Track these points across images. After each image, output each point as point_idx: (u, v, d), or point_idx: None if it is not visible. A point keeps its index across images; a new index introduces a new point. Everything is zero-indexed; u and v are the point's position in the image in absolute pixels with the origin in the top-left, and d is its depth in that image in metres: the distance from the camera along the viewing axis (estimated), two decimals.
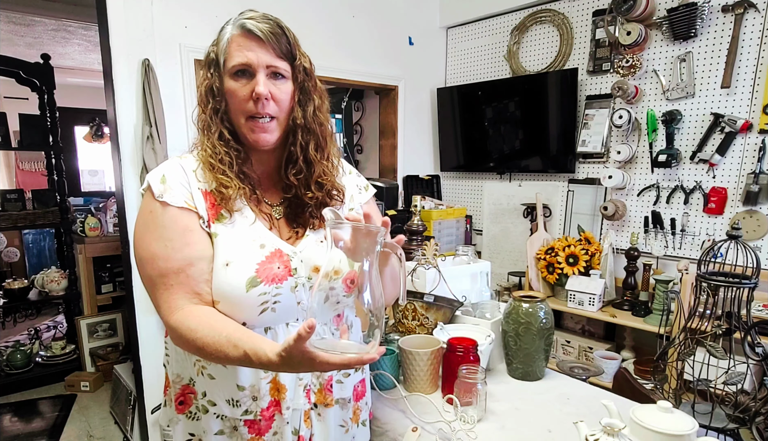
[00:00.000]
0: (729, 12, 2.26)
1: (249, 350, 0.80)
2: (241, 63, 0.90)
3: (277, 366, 0.78)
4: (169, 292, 0.89)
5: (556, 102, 2.88)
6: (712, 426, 1.14)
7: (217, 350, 0.83)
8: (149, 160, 2.18)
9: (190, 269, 0.90)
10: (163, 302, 0.90)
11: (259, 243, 0.94)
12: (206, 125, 0.95)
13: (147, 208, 0.92)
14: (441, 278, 1.53)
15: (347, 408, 1.09)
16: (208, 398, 0.97)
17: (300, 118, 0.95)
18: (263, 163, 1.01)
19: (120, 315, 3.60)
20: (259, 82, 0.89)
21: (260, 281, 0.90)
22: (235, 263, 0.91)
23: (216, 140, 0.94)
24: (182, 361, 1.00)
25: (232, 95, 0.92)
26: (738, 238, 1.17)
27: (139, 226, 0.93)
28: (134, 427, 2.60)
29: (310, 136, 0.98)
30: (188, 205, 0.92)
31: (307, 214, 1.01)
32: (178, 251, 0.89)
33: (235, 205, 0.94)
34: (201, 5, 2.39)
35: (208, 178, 0.94)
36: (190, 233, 0.91)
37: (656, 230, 2.57)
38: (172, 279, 0.89)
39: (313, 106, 0.97)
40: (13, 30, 4.22)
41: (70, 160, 5.99)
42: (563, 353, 2.75)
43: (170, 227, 0.90)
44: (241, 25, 0.91)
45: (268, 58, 0.90)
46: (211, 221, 0.93)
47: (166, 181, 0.92)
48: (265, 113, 0.91)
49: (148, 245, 0.91)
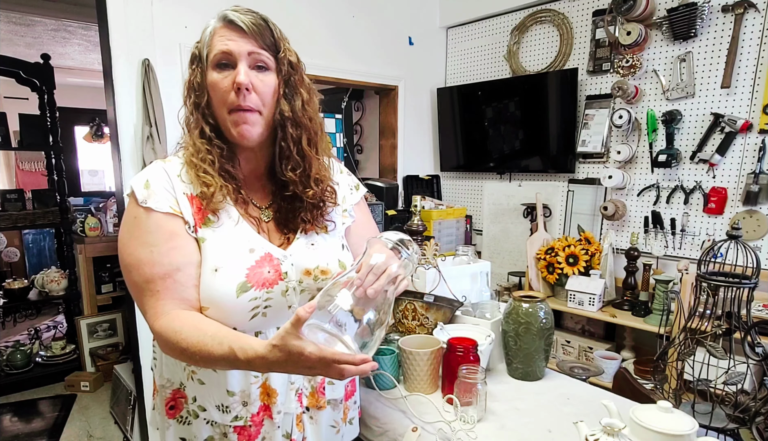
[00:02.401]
0: (729, 12, 2.26)
1: (235, 346, 0.78)
2: (221, 51, 0.87)
3: (264, 361, 0.75)
4: (155, 298, 0.86)
5: (556, 102, 2.88)
6: (712, 426, 1.14)
7: (201, 350, 0.80)
8: (149, 160, 2.18)
9: (177, 274, 0.87)
10: (149, 308, 0.87)
11: (248, 247, 0.92)
12: (188, 122, 0.94)
13: (131, 214, 0.90)
14: (441, 278, 1.53)
15: (338, 409, 1.08)
16: (198, 404, 0.95)
17: (288, 112, 0.92)
18: (250, 162, 0.98)
19: (120, 315, 3.60)
20: (240, 72, 0.86)
21: (251, 286, 0.89)
22: (225, 268, 0.88)
23: (197, 137, 0.91)
24: (172, 366, 0.99)
25: (214, 87, 0.89)
26: (738, 238, 1.17)
27: (124, 233, 0.90)
28: (134, 427, 2.60)
29: (301, 130, 0.95)
30: (173, 210, 0.89)
31: (299, 218, 0.98)
32: (164, 256, 0.87)
33: (219, 205, 0.91)
34: (201, 5, 2.39)
35: (192, 180, 0.92)
36: (176, 238, 0.88)
37: (656, 230, 2.57)
38: (159, 284, 0.86)
39: (301, 100, 0.94)
40: (13, 30, 4.22)
41: (70, 160, 5.99)
42: (563, 353, 2.75)
43: (155, 232, 0.87)
44: (223, 16, 0.89)
45: (248, 46, 0.88)
46: (198, 226, 0.91)
47: (150, 187, 0.89)
48: (246, 106, 0.88)
49: (133, 251, 0.88)
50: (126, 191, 0.92)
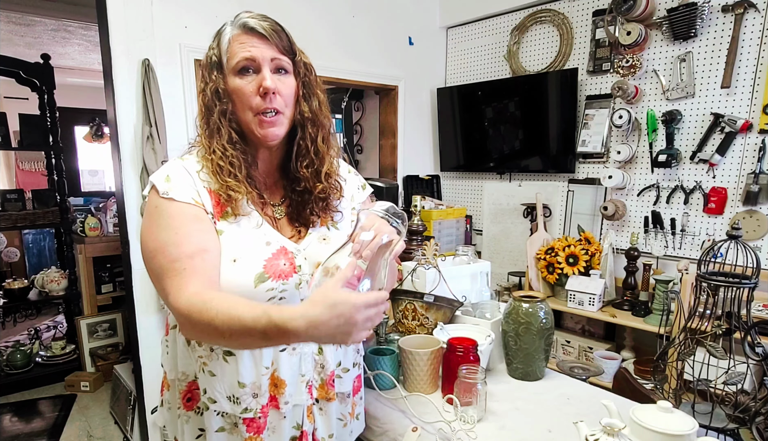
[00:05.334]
0: (729, 12, 2.26)
1: (269, 309, 0.75)
2: (245, 58, 0.91)
3: (303, 320, 0.72)
4: (180, 276, 0.83)
5: (556, 102, 2.88)
6: (712, 426, 1.14)
7: (231, 316, 0.75)
8: (149, 160, 2.18)
9: (205, 254, 0.86)
10: (172, 287, 0.83)
11: (264, 240, 0.95)
12: (217, 128, 0.94)
13: (152, 205, 0.91)
14: (441, 278, 1.53)
15: (346, 402, 1.11)
16: (209, 396, 0.97)
17: (308, 112, 0.97)
18: (265, 162, 1.02)
19: (120, 315, 3.60)
20: (266, 77, 0.91)
21: (268, 277, 0.92)
22: (243, 259, 0.91)
23: (226, 143, 0.93)
24: (186, 358, 1.01)
25: (238, 93, 0.92)
26: (738, 238, 1.17)
27: (146, 223, 0.92)
28: (134, 427, 2.60)
29: (318, 129, 1.00)
30: (195, 201, 0.91)
31: (308, 211, 1.02)
32: (191, 236, 0.87)
33: (242, 210, 0.94)
34: (201, 5, 2.39)
35: (212, 180, 0.94)
36: (201, 222, 0.90)
37: (656, 230, 2.57)
38: (185, 263, 0.84)
39: (317, 100, 1.00)
40: (13, 30, 4.22)
41: (70, 160, 5.98)
42: (563, 353, 2.75)
43: (178, 217, 0.89)
44: (243, 24, 0.92)
45: (271, 52, 0.92)
46: (217, 219, 0.93)
47: (171, 180, 0.92)
48: (273, 107, 0.92)
49: (157, 236, 0.88)
50: (146, 190, 0.95)
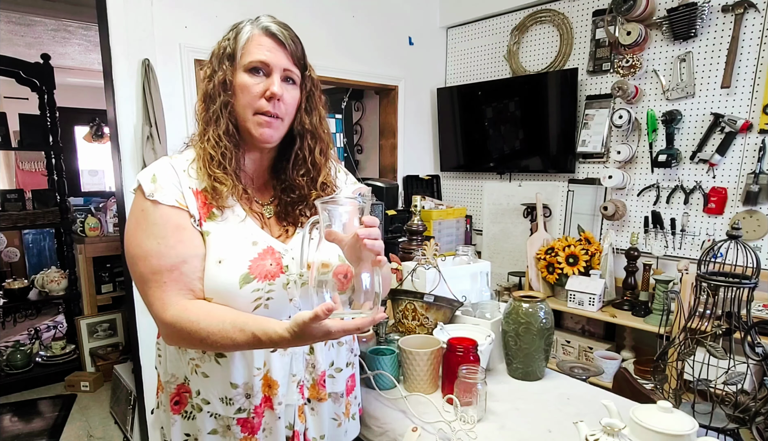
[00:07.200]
0: (729, 12, 2.26)
1: (258, 332, 0.83)
2: (260, 60, 0.93)
3: (288, 341, 0.82)
4: (162, 289, 0.90)
5: (556, 102, 2.88)
6: (712, 426, 1.14)
7: (224, 337, 0.85)
8: (149, 160, 2.18)
9: (184, 266, 0.90)
10: (156, 300, 0.90)
11: (251, 240, 0.95)
12: (216, 117, 0.96)
13: (138, 207, 0.93)
14: (441, 278, 1.53)
15: (339, 402, 1.11)
16: (202, 397, 0.97)
17: (308, 125, 1.01)
18: (255, 162, 1.03)
19: (120, 315, 3.60)
20: (275, 83, 0.93)
21: (253, 278, 0.92)
22: (228, 260, 0.92)
23: (222, 133, 0.95)
24: (176, 361, 1.01)
25: (244, 89, 0.94)
26: (738, 238, 1.17)
27: (131, 225, 0.94)
28: (134, 427, 2.60)
29: (316, 142, 1.04)
30: (179, 204, 0.92)
31: (297, 211, 1.03)
32: (171, 248, 0.90)
33: (227, 202, 0.95)
34: (201, 5, 2.39)
35: (200, 176, 0.95)
36: (183, 231, 0.92)
37: (656, 230, 2.57)
38: (165, 276, 0.90)
39: (318, 115, 1.04)
40: (13, 30, 4.22)
41: (70, 160, 5.98)
42: (563, 353, 2.75)
43: (162, 225, 0.91)
44: (265, 27, 0.95)
45: (285, 61, 0.95)
46: (203, 220, 0.94)
47: (156, 181, 0.93)
48: (275, 113, 0.95)
49: (140, 243, 0.91)
50: (133, 186, 0.96)
